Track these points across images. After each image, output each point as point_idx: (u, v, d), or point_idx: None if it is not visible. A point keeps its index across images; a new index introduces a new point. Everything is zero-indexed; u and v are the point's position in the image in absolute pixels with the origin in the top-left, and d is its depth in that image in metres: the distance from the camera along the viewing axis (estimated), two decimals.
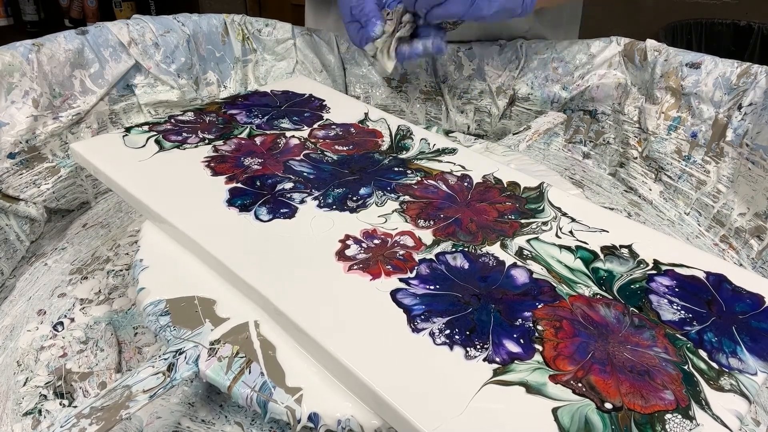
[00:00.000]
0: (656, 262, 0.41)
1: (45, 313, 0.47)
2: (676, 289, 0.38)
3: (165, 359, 0.35)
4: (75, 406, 0.40)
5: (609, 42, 0.67)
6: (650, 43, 0.64)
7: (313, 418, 0.33)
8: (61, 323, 0.46)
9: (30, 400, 0.40)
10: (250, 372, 0.34)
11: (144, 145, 0.50)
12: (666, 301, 0.37)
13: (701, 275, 0.40)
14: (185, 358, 0.35)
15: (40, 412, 0.39)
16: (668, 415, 0.30)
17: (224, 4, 1.91)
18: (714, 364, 0.33)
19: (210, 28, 0.70)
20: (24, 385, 0.41)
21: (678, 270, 0.40)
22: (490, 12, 0.55)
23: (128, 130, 0.52)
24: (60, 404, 0.40)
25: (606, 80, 0.67)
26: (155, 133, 0.52)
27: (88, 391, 0.40)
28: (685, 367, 0.33)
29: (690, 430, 0.29)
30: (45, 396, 0.40)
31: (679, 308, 0.37)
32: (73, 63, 0.58)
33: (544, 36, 0.76)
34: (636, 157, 0.66)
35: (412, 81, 0.75)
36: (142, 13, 0.68)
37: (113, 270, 0.51)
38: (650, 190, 0.64)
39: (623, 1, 1.85)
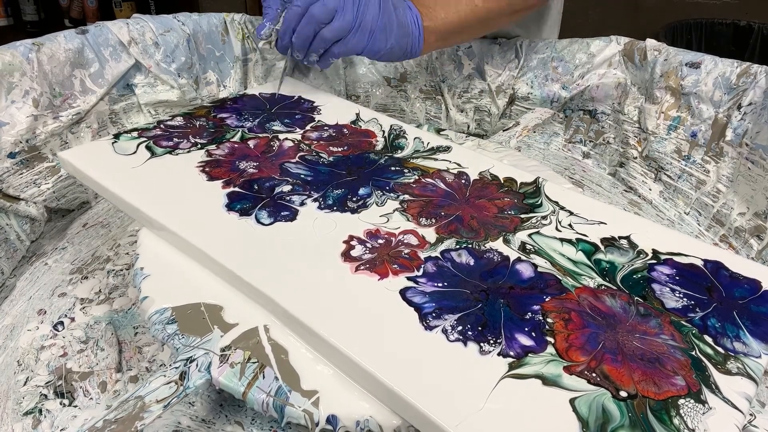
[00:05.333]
0: (655, 252, 0.41)
1: (45, 312, 0.47)
2: (677, 278, 0.39)
3: (176, 368, 0.34)
4: (76, 406, 0.40)
5: (609, 41, 0.67)
6: (650, 42, 0.64)
7: (332, 420, 0.33)
8: (62, 323, 0.46)
9: (30, 400, 0.40)
10: (264, 377, 0.34)
11: (135, 152, 0.50)
12: (668, 289, 0.38)
13: (699, 263, 0.40)
14: (197, 365, 0.34)
15: (40, 411, 0.39)
16: (681, 401, 0.31)
17: (224, 4, 1.91)
18: (720, 349, 0.34)
19: (210, 28, 0.70)
20: (24, 384, 0.41)
21: (677, 259, 0.41)
22: (385, 48, 0.58)
23: (117, 136, 0.52)
24: (60, 404, 0.40)
25: (606, 80, 0.67)
26: (145, 139, 0.52)
27: (88, 391, 0.40)
28: (693, 353, 0.33)
29: (703, 413, 0.30)
30: (45, 395, 0.40)
31: (681, 296, 0.38)
32: (73, 62, 0.58)
33: (518, 35, 0.76)
34: (636, 157, 0.66)
35: (411, 80, 0.75)
36: (142, 13, 0.68)
37: (113, 270, 0.51)
38: (650, 189, 0.64)
39: (623, 1, 1.85)
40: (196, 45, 0.69)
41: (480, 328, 0.34)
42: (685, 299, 0.37)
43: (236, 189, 0.46)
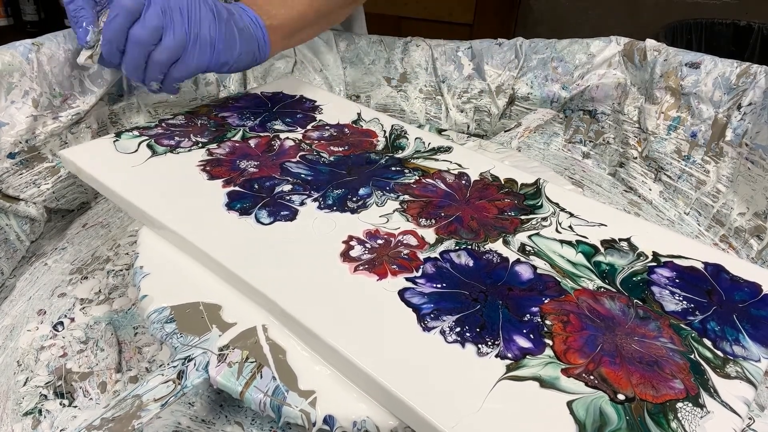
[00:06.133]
0: (655, 254, 0.41)
1: (45, 313, 0.47)
2: (677, 280, 0.39)
3: (174, 367, 0.34)
4: (75, 406, 0.40)
5: (609, 42, 0.67)
6: (650, 42, 0.64)
7: (329, 420, 0.33)
8: (61, 323, 0.46)
9: (30, 400, 0.40)
10: (261, 377, 0.34)
11: (136, 150, 0.50)
12: (668, 292, 0.38)
13: (699, 266, 0.40)
14: (195, 365, 0.34)
15: (40, 412, 0.39)
16: (679, 404, 0.31)
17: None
18: (719, 352, 0.34)
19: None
20: (24, 385, 0.41)
21: (677, 261, 0.41)
22: (233, 57, 0.52)
23: (118, 135, 0.52)
24: (60, 404, 0.40)
25: (606, 80, 0.67)
26: (146, 137, 0.52)
27: (88, 391, 0.40)
28: (692, 356, 0.33)
29: (701, 417, 0.30)
30: (45, 396, 0.40)
31: (680, 299, 0.38)
32: (73, 63, 0.58)
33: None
34: (636, 157, 0.66)
35: (411, 81, 0.75)
36: None
37: (113, 270, 0.51)
38: (650, 190, 0.64)
39: (623, 1, 1.85)
40: None
41: (478, 330, 0.34)
42: (684, 302, 0.37)
43: (236, 188, 0.46)
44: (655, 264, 0.40)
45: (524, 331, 0.34)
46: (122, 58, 0.49)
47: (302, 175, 0.48)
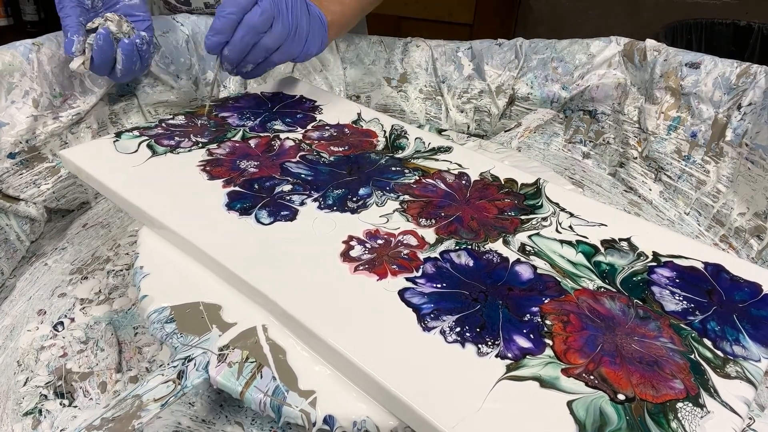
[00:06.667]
0: (655, 254, 0.41)
1: (45, 313, 0.47)
2: (677, 280, 0.39)
3: (174, 367, 0.34)
4: (75, 406, 0.40)
5: (609, 42, 0.67)
6: (650, 42, 0.64)
7: (329, 420, 0.33)
8: (62, 323, 0.46)
9: (30, 400, 0.40)
10: (261, 377, 0.34)
11: (136, 150, 0.50)
12: (668, 292, 0.38)
13: (699, 266, 0.40)
14: (195, 365, 0.34)
15: (40, 412, 0.39)
16: (679, 404, 0.31)
17: None
18: (719, 352, 0.34)
19: (209, 28, 0.70)
20: (24, 385, 0.41)
21: (677, 261, 0.41)
22: (315, 49, 0.58)
23: (119, 135, 0.52)
24: (60, 404, 0.40)
25: (606, 80, 0.67)
26: (147, 137, 0.52)
27: (88, 391, 0.40)
28: (692, 356, 0.33)
29: (701, 417, 0.30)
30: (45, 396, 0.40)
31: (681, 299, 0.38)
32: None
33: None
34: (636, 157, 0.66)
35: (411, 81, 0.75)
36: None
37: (113, 270, 0.51)
38: (650, 190, 0.64)
39: (623, 1, 1.85)
40: (195, 45, 0.69)
41: (478, 330, 0.34)
42: (684, 302, 0.37)
43: (236, 188, 0.46)
44: (655, 264, 0.40)
45: (524, 331, 0.34)
46: (114, 66, 0.54)
47: (302, 175, 0.48)
